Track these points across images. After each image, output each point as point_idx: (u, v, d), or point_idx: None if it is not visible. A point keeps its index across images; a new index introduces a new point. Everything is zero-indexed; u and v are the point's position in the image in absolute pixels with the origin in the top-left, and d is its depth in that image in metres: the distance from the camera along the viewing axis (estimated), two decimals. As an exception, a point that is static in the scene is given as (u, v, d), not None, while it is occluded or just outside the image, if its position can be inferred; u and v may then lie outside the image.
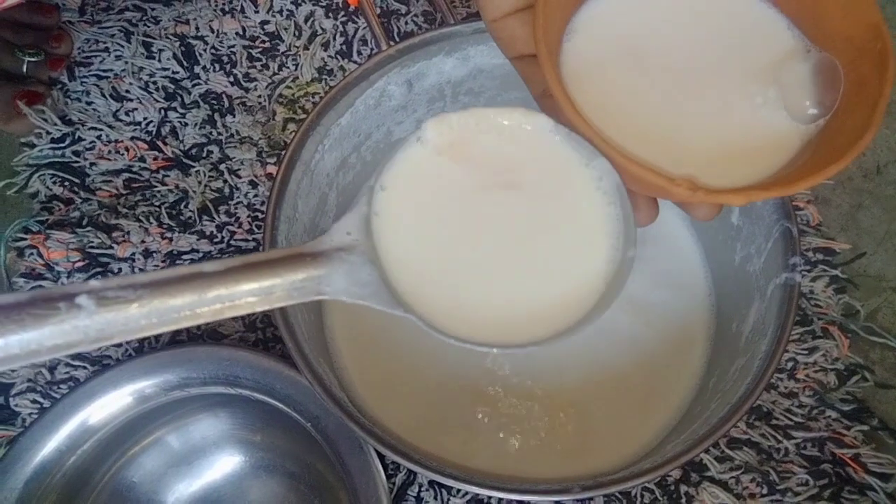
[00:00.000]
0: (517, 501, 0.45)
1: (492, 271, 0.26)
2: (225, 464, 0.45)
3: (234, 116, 0.54)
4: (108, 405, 0.41)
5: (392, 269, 0.25)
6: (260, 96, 0.55)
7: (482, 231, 0.26)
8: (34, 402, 0.47)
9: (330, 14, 0.58)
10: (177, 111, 0.55)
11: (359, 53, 0.57)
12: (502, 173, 0.27)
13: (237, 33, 0.57)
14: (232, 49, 0.57)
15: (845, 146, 0.24)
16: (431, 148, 0.26)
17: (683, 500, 0.45)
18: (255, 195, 0.52)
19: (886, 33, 0.25)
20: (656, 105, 0.26)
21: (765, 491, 0.45)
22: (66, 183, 0.52)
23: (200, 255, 0.50)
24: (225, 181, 0.52)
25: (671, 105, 0.26)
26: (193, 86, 0.55)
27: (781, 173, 0.26)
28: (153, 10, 0.58)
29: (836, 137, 0.25)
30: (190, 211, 0.51)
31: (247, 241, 0.51)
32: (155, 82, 0.55)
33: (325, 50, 0.57)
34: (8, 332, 0.19)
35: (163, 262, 0.50)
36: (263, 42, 0.57)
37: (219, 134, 0.54)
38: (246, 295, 0.22)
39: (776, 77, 0.26)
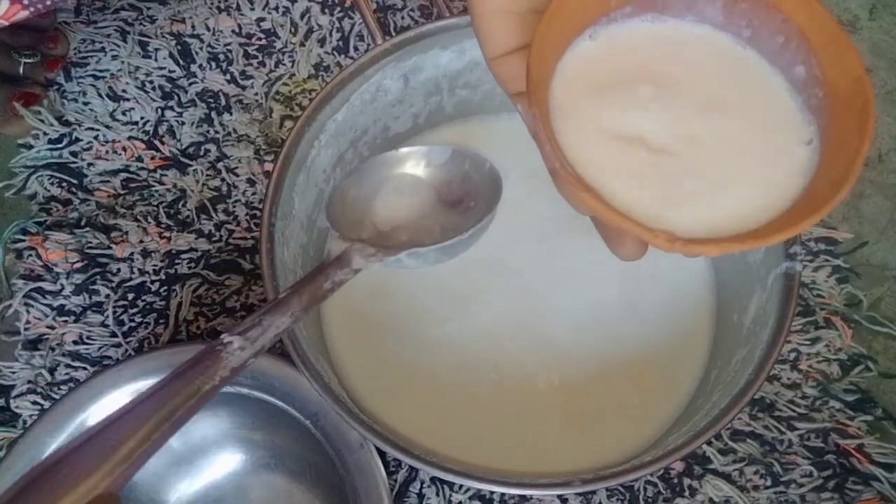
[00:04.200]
0: (519, 496, 0.45)
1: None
2: (226, 462, 0.45)
3: (231, 114, 0.54)
4: (108, 405, 0.40)
5: None
6: (257, 94, 0.55)
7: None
8: (35, 403, 0.47)
9: (326, 10, 0.58)
10: (174, 110, 0.54)
11: (355, 49, 0.56)
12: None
13: (233, 31, 0.57)
14: (228, 47, 0.56)
15: (821, 200, 0.23)
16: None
17: (687, 493, 0.45)
18: (254, 193, 0.52)
19: (869, 88, 0.24)
20: (646, 150, 0.26)
21: (769, 483, 0.45)
22: (64, 184, 0.52)
23: (199, 253, 0.50)
24: (223, 179, 0.52)
25: (663, 153, 0.26)
26: (190, 84, 0.55)
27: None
28: (149, 9, 0.58)
29: (814, 189, 0.25)
30: (188, 210, 0.51)
31: (245, 238, 0.51)
32: (151, 81, 0.55)
33: (322, 46, 0.56)
34: None
35: (161, 261, 0.50)
36: (259, 39, 0.57)
37: (216, 132, 0.54)
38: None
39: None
